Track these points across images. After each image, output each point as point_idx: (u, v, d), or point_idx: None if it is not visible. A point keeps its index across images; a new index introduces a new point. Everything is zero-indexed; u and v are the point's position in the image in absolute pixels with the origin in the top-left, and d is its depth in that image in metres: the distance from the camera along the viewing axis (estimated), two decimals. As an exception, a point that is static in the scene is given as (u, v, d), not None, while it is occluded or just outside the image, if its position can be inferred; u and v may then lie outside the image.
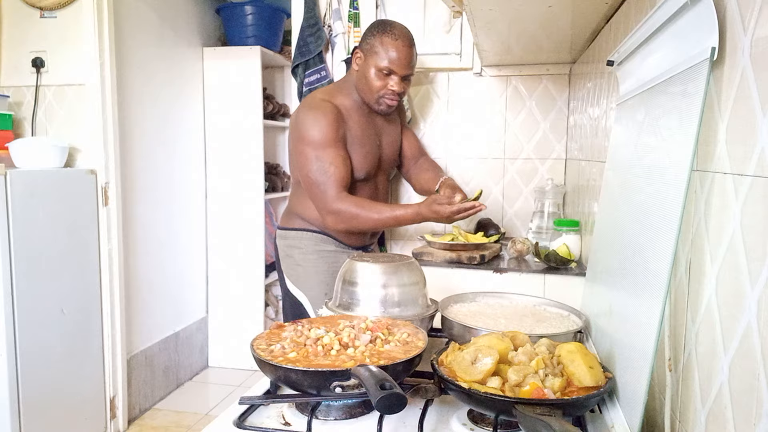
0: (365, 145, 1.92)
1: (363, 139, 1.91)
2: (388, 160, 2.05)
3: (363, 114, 1.94)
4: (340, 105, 1.89)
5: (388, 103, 1.91)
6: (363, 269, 1.26)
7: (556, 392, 0.86)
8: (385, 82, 1.86)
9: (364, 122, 1.94)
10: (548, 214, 2.29)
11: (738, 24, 0.73)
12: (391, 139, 2.06)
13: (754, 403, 0.64)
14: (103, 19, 2.57)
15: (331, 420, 0.95)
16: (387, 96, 1.89)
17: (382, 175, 2.04)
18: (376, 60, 1.84)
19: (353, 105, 1.93)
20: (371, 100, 1.90)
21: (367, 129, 1.93)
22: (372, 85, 1.87)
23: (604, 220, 1.36)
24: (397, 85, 1.86)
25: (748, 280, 0.67)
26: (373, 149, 1.94)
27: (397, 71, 1.85)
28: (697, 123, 0.78)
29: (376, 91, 1.87)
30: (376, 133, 1.98)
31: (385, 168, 2.04)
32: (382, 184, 2.05)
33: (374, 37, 1.87)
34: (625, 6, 1.47)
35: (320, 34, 2.65)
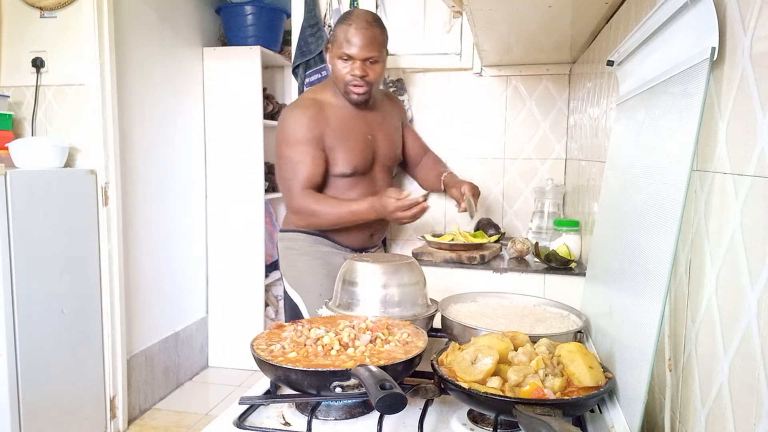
0: (351, 139, 1.88)
1: (349, 133, 1.88)
2: (386, 155, 1.99)
3: (351, 108, 1.92)
4: (326, 101, 1.89)
5: (355, 91, 1.86)
6: (363, 269, 1.26)
7: (556, 392, 0.86)
8: (346, 69, 1.83)
9: (352, 117, 1.91)
10: (548, 214, 2.29)
11: (738, 24, 0.73)
12: (388, 134, 2.01)
13: (754, 403, 0.64)
14: (103, 19, 2.57)
15: (331, 420, 0.95)
16: (351, 83, 1.85)
17: (381, 170, 2.00)
18: (337, 48, 1.84)
19: (340, 100, 1.91)
20: (342, 90, 1.88)
21: (356, 123, 1.90)
22: (337, 75, 1.86)
23: (604, 220, 1.36)
24: (358, 69, 1.81)
25: (748, 280, 0.67)
26: (362, 144, 1.90)
27: (355, 55, 1.81)
28: (697, 123, 0.78)
29: (342, 80, 1.85)
30: (367, 127, 1.93)
31: (384, 163, 1.99)
32: (381, 179, 2.01)
33: (335, 28, 1.87)
34: (625, 6, 1.47)
35: (321, 34, 2.65)
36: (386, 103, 2.07)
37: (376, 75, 1.87)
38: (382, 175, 2.00)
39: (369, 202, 1.78)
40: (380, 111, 2.00)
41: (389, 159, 2.00)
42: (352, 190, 1.90)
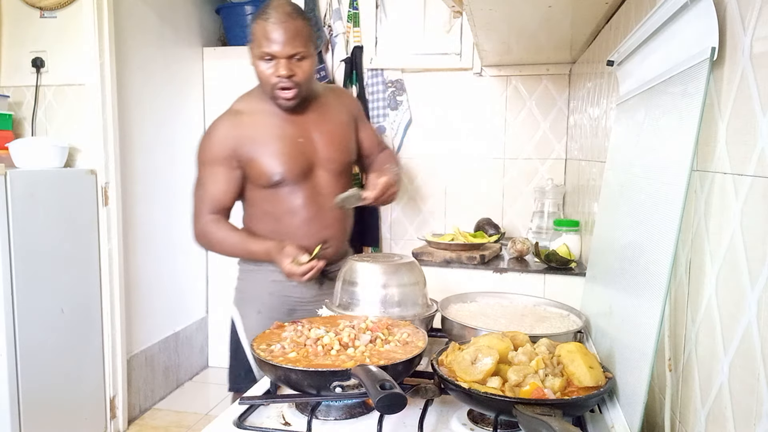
0: (274, 145, 1.63)
1: (272, 139, 1.63)
2: (328, 157, 1.70)
3: (278, 113, 1.66)
4: (249, 109, 1.68)
5: (283, 95, 1.58)
6: (363, 269, 1.26)
7: (556, 392, 0.86)
8: (270, 70, 1.56)
9: (279, 121, 1.65)
10: (548, 214, 2.29)
11: (738, 24, 0.73)
12: (330, 134, 1.72)
13: (754, 403, 0.64)
14: (103, 19, 2.57)
15: (331, 420, 0.95)
16: (278, 86, 1.57)
17: (325, 174, 1.70)
18: (256, 48, 1.57)
19: (265, 105, 1.67)
20: (269, 95, 1.61)
21: (283, 128, 1.65)
22: (261, 78, 1.59)
23: (604, 220, 1.36)
24: (284, 68, 1.53)
25: (748, 280, 0.67)
26: (289, 149, 1.63)
27: (277, 53, 1.53)
28: (697, 123, 0.78)
29: (267, 83, 1.58)
30: (297, 130, 1.67)
31: (326, 166, 1.70)
32: (328, 184, 1.70)
33: (252, 25, 1.60)
34: (625, 6, 1.47)
35: (320, 34, 2.65)
36: (330, 99, 1.78)
37: (305, 73, 1.59)
38: (327, 179, 1.71)
39: (266, 249, 1.61)
40: (318, 110, 1.72)
41: (333, 161, 1.71)
42: (289, 200, 1.66)
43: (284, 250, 1.56)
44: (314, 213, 1.67)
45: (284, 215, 1.66)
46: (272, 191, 1.65)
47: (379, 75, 2.73)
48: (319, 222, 1.68)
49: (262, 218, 1.69)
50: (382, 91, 2.73)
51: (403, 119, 2.74)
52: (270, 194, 1.65)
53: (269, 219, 1.68)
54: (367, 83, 2.74)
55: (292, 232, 1.66)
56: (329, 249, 1.70)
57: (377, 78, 2.73)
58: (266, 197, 1.66)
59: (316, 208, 1.68)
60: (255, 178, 1.64)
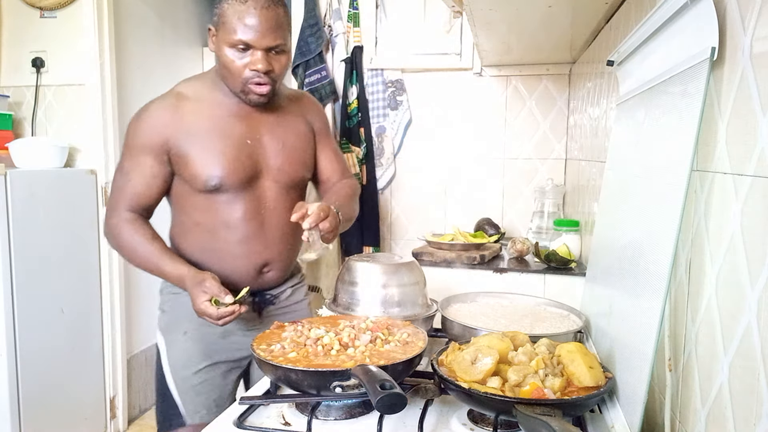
0: (216, 143, 1.38)
1: (215, 135, 1.39)
2: (279, 168, 1.45)
3: (228, 105, 1.42)
4: (193, 96, 1.42)
5: (257, 91, 1.35)
6: (363, 269, 1.26)
7: (556, 392, 0.86)
8: (243, 61, 1.32)
9: (227, 115, 1.41)
10: (548, 214, 2.29)
11: (738, 24, 0.73)
12: (284, 141, 1.47)
13: (754, 403, 0.64)
14: (103, 18, 2.57)
15: (331, 420, 0.95)
16: (252, 80, 1.34)
17: (273, 185, 1.45)
18: (226, 34, 1.32)
19: (215, 94, 1.42)
20: (235, 88, 1.37)
21: (230, 124, 1.41)
22: (230, 69, 1.34)
23: (604, 220, 1.36)
24: (261, 63, 1.31)
25: (748, 280, 0.67)
26: (234, 150, 1.39)
27: (255, 44, 1.30)
28: (697, 123, 0.78)
29: (237, 76, 1.34)
30: (247, 129, 1.42)
31: (275, 178, 1.45)
32: (272, 197, 1.45)
33: (221, 6, 1.35)
34: (625, 6, 1.47)
35: (320, 34, 2.65)
36: (291, 104, 1.53)
37: (282, 68, 1.38)
38: (275, 192, 1.45)
39: (180, 275, 1.36)
40: (275, 112, 1.47)
41: (283, 173, 1.46)
42: (227, 211, 1.40)
43: (203, 284, 1.29)
44: (255, 229, 1.42)
45: (219, 229, 1.41)
46: (208, 198, 1.39)
47: (379, 75, 2.73)
48: (261, 240, 1.43)
49: (192, 230, 1.43)
50: (382, 91, 2.73)
51: (403, 119, 2.74)
52: (205, 202, 1.40)
53: (201, 232, 1.42)
54: (367, 83, 2.74)
55: (228, 250, 1.42)
56: (270, 273, 1.48)
57: (377, 78, 2.73)
58: (200, 205, 1.41)
59: (257, 224, 1.42)
60: (189, 179, 1.38)
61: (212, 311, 1.27)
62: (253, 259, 1.44)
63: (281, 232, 1.46)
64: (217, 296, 1.27)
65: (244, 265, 1.43)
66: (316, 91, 2.66)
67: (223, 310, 1.26)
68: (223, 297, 1.27)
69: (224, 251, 1.42)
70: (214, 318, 1.27)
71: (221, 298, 1.27)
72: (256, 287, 1.47)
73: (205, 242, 1.43)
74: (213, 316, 1.27)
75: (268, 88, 1.36)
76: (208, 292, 1.28)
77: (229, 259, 1.42)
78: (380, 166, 2.76)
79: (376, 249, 2.76)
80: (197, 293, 1.29)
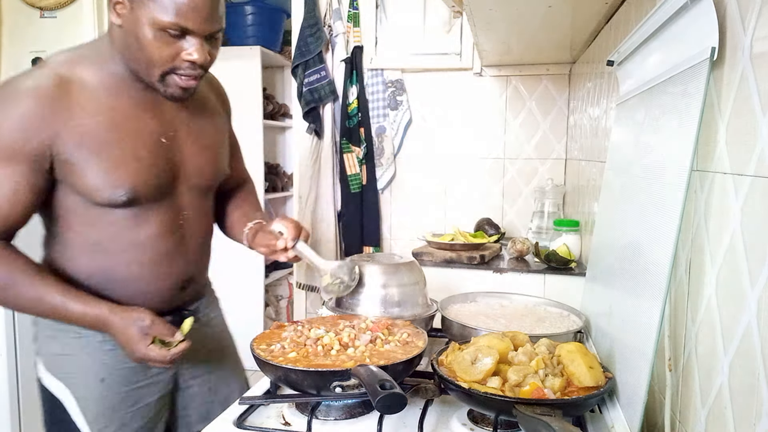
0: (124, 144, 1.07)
1: (121, 134, 1.07)
2: (200, 166, 1.20)
3: (131, 93, 1.10)
4: (78, 78, 1.06)
5: (184, 84, 1.07)
6: (363, 269, 1.26)
7: (556, 392, 0.86)
8: (174, 48, 1.03)
9: (131, 106, 1.10)
10: (548, 214, 2.29)
11: (738, 24, 0.73)
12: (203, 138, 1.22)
13: (754, 403, 0.64)
14: (103, 18, 2.57)
15: (331, 420, 0.95)
16: (181, 72, 1.06)
17: (190, 191, 1.20)
18: (155, 11, 1.00)
19: (110, 79, 1.08)
20: (151, 76, 1.06)
21: (140, 118, 1.11)
22: (150, 55, 1.03)
23: (604, 220, 1.36)
24: (199, 52, 1.04)
25: (748, 280, 0.67)
26: (146, 152, 1.10)
27: (196, 29, 1.02)
28: (697, 123, 0.78)
29: (161, 64, 1.04)
30: (164, 123, 1.14)
31: (193, 180, 1.19)
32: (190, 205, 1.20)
33: None
34: (625, 6, 1.47)
35: (320, 34, 2.65)
36: (204, 89, 1.26)
37: (215, 59, 1.11)
38: (192, 200, 1.20)
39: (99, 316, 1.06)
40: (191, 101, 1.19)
41: (202, 175, 1.21)
42: (138, 229, 1.12)
43: (142, 324, 1.05)
44: (174, 245, 1.17)
45: (128, 249, 1.11)
46: (110, 213, 1.09)
47: (379, 75, 2.73)
48: (182, 256, 1.19)
49: (85, 251, 1.11)
50: (382, 91, 2.73)
51: (403, 119, 2.74)
52: (106, 217, 1.09)
53: (97, 254, 1.11)
54: (367, 83, 2.74)
55: (137, 274, 1.13)
56: (191, 288, 1.25)
57: (377, 78, 2.73)
58: (97, 221, 1.09)
59: (177, 239, 1.17)
60: (84, 191, 1.06)
61: (163, 355, 1.04)
62: (173, 279, 1.18)
63: (201, 243, 1.25)
64: (164, 336, 1.05)
65: (158, 288, 1.16)
66: (315, 91, 2.66)
67: (175, 350, 1.05)
68: (171, 336, 1.06)
69: (132, 274, 1.13)
70: (166, 362, 1.06)
71: (167, 337, 1.06)
72: (174, 306, 1.22)
73: (104, 266, 1.11)
74: (165, 360, 1.05)
75: (197, 82, 1.09)
76: (151, 333, 1.05)
77: (140, 283, 1.14)
78: (380, 166, 2.76)
79: (376, 249, 2.76)
80: (137, 337, 1.04)
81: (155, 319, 1.07)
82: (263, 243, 1.22)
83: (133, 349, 1.05)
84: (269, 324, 3.59)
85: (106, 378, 1.15)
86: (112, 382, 1.15)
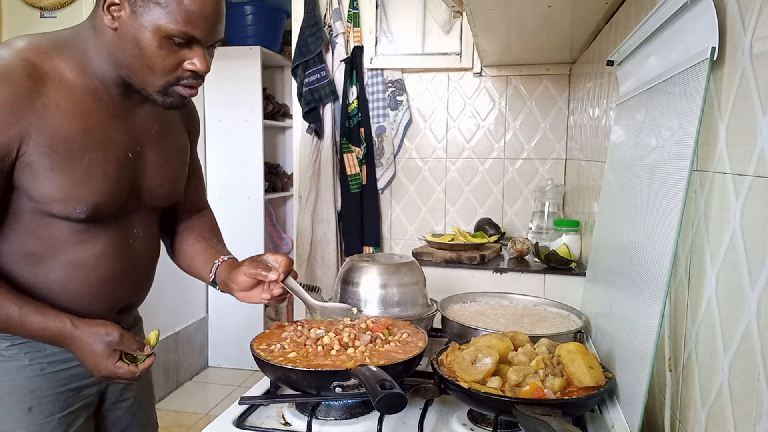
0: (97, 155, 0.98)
1: (97, 145, 0.98)
2: (159, 184, 1.12)
3: (109, 99, 1.01)
4: (55, 73, 0.95)
5: (185, 93, 1.01)
6: (363, 269, 1.26)
7: (556, 392, 0.86)
8: (177, 57, 0.97)
9: (110, 115, 1.01)
10: (548, 214, 2.29)
11: (738, 24, 0.73)
12: (165, 154, 1.13)
13: (754, 403, 0.64)
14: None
15: (331, 420, 0.95)
16: (184, 82, 0.99)
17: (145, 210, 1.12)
18: (161, 18, 0.93)
19: (91, 81, 0.99)
20: (150, 85, 0.98)
21: (113, 129, 1.01)
22: (153, 63, 0.96)
23: (604, 220, 1.36)
24: (202, 62, 0.98)
25: (748, 280, 0.67)
26: (114, 167, 1.01)
27: (203, 39, 0.97)
28: (697, 123, 0.78)
29: (163, 74, 0.97)
30: (133, 137, 1.05)
31: (150, 199, 1.11)
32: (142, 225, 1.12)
33: None
34: (625, 6, 1.47)
35: (320, 34, 2.65)
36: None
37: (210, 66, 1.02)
38: (145, 219, 1.13)
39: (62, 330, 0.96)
40: (159, 115, 1.11)
41: (160, 198, 1.13)
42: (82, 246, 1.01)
43: (110, 339, 0.96)
44: (122, 269, 1.07)
45: (67, 267, 1.01)
46: (54, 224, 0.99)
47: (379, 75, 2.73)
48: (128, 281, 1.09)
49: (15, 261, 0.99)
50: (382, 91, 2.73)
51: (403, 119, 2.74)
52: (48, 229, 0.99)
53: (31, 267, 0.99)
54: (367, 83, 2.74)
55: (74, 296, 1.02)
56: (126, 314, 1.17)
57: (377, 78, 2.73)
58: (38, 230, 0.98)
59: (125, 262, 1.08)
60: (38, 198, 0.95)
61: (132, 371, 0.98)
62: (112, 303, 1.08)
63: (148, 265, 1.16)
64: (132, 351, 0.98)
65: (94, 313, 1.03)
66: (315, 91, 2.66)
67: (143, 365, 0.99)
68: (140, 350, 0.99)
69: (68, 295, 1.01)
70: (134, 378, 0.99)
71: (136, 352, 0.99)
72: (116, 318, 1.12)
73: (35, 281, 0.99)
74: (134, 376, 0.98)
75: (196, 91, 1.03)
76: (120, 349, 0.97)
77: (75, 306, 1.01)
78: (380, 166, 2.76)
79: (376, 249, 2.76)
80: (104, 353, 0.96)
81: (124, 333, 0.98)
82: (250, 272, 1.11)
83: (100, 366, 0.96)
84: (269, 324, 3.59)
85: (34, 407, 1.02)
86: (42, 410, 1.02)
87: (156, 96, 1.00)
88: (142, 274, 1.14)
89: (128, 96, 1.03)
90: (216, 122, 3.46)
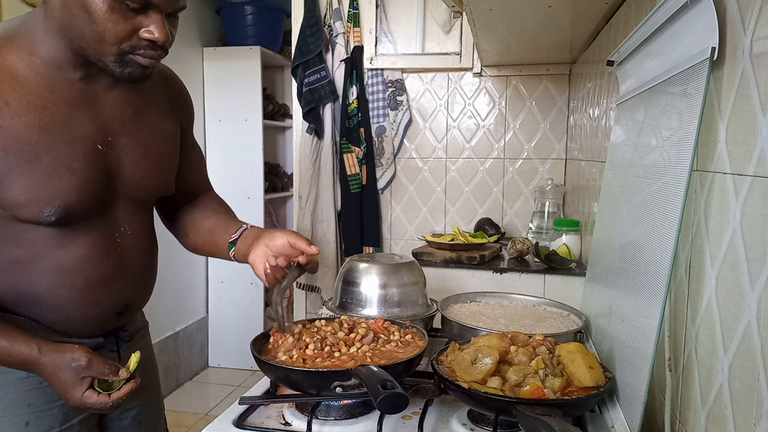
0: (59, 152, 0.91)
1: (58, 140, 0.90)
2: (142, 176, 1.04)
3: (66, 86, 0.93)
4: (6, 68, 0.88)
5: (146, 63, 0.92)
6: (363, 269, 1.26)
7: (556, 392, 0.86)
8: (132, 24, 0.88)
9: (69, 105, 0.93)
10: (548, 214, 2.29)
11: (738, 24, 0.73)
12: (145, 142, 1.04)
13: (754, 403, 0.64)
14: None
15: (331, 420, 0.95)
16: (140, 51, 0.90)
17: (130, 204, 1.05)
18: None
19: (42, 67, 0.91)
20: (103, 55, 0.89)
21: (75, 120, 0.93)
22: (103, 29, 0.86)
23: (604, 220, 1.36)
24: (161, 30, 0.89)
25: (748, 280, 0.67)
26: (86, 164, 0.94)
27: (160, 4, 0.88)
28: (697, 123, 0.78)
29: (115, 42, 0.88)
30: (102, 127, 0.97)
31: (133, 192, 1.04)
32: (129, 220, 1.05)
33: None
34: (625, 6, 1.47)
35: (320, 34, 2.65)
36: (155, 86, 1.10)
37: (173, 40, 0.95)
38: (130, 214, 1.05)
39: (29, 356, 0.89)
40: (135, 100, 1.03)
41: (144, 189, 1.06)
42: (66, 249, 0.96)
43: (78, 367, 0.88)
44: (112, 268, 1.01)
45: (53, 271, 0.95)
46: (32, 231, 0.93)
47: (379, 75, 2.73)
48: (120, 280, 1.03)
49: (5, 271, 0.94)
50: (382, 91, 2.73)
51: (403, 119, 2.74)
52: (26, 235, 0.93)
53: (16, 274, 0.94)
54: (367, 83, 2.74)
55: (65, 299, 0.97)
56: (129, 312, 1.10)
57: (377, 78, 2.73)
58: (17, 237, 0.93)
59: (112, 263, 1.01)
60: (5, 205, 0.90)
61: (103, 402, 0.89)
62: (107, 305, 1.03)
63: (144, 264, 1.09)
64: (105, 376, 0.90)
65: (89, 315, 1.00)
66: (315, 91, 2.66)
67: (118, 394, 0.90)
68: (115, 374, 0.90)
69: (58, 299, 0.97)
70: (107, 409, 0.91)
71: (111, 377, 0.90)
72: (107, 330, 1.07)
73: (24, 288, 0.95)
74: (106, 407, 0.90)
75: (158, 62, 0.95)
76: (90, 375, 0.89)
77: (67, 309, 0.97)
78: (380, 166, 2.76)
79: (376, 249, 2.76)
80: (71, 381, 0.89)
81: (92, 357, 0.89)
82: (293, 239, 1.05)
83: (67, 396, 0.90)
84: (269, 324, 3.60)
85: (31, 422, 0.97)
86: (39, 424, 0.98)
87: (113, 67, 0.91)
88: (135, 273, 1.07)
89: (91, 80, 0.95)
90: (216, 122, 3.46)
